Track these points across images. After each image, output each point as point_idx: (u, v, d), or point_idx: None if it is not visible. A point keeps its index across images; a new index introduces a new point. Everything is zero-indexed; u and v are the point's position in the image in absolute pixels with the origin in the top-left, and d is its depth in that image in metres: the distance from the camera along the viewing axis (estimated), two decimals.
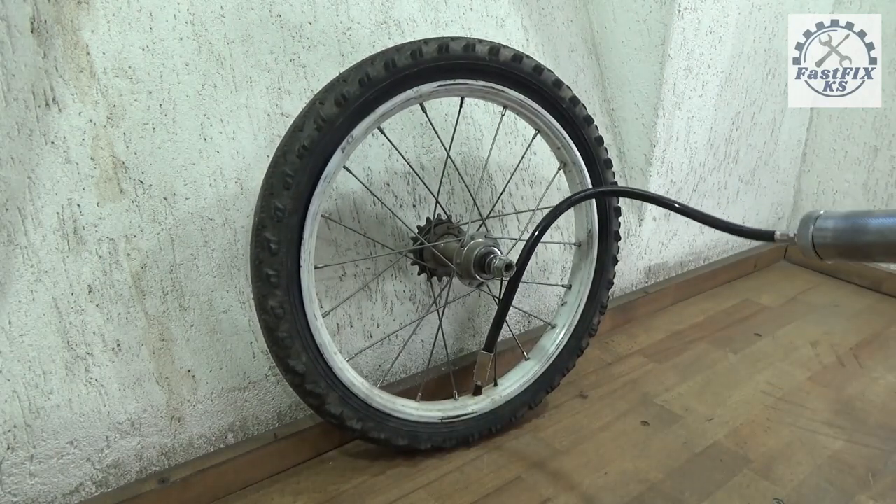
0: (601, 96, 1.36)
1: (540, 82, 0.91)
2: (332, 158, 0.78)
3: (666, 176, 1.44)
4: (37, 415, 0.75)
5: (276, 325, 0.79)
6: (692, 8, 1.22)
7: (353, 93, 0.77)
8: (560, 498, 0.91)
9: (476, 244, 0.93)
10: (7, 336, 0.72)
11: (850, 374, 1.27)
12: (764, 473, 0.97)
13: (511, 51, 0.87)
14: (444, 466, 0.98)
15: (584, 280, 1.09)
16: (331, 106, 0.76)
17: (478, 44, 0.83)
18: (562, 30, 1.25)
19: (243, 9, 0.83)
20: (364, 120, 0.79)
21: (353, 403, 0.89)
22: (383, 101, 0.80)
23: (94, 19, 0.73)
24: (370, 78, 0.77)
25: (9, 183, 0.70)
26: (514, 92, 0.90)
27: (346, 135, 0.78)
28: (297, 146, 0.75)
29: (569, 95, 0.95)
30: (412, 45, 0.80)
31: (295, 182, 0.76)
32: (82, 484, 0.81)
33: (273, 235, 0.76)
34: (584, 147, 1.00)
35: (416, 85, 0.81)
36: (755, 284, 1.76)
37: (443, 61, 0.82)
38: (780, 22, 1.52)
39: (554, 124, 0.96)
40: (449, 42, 0.81)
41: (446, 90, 0.84)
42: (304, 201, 0.78)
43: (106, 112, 0.75)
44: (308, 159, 0.76)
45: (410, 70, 0.80)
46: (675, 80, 1.29)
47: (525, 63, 0.88)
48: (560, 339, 1.09)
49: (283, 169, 0.75)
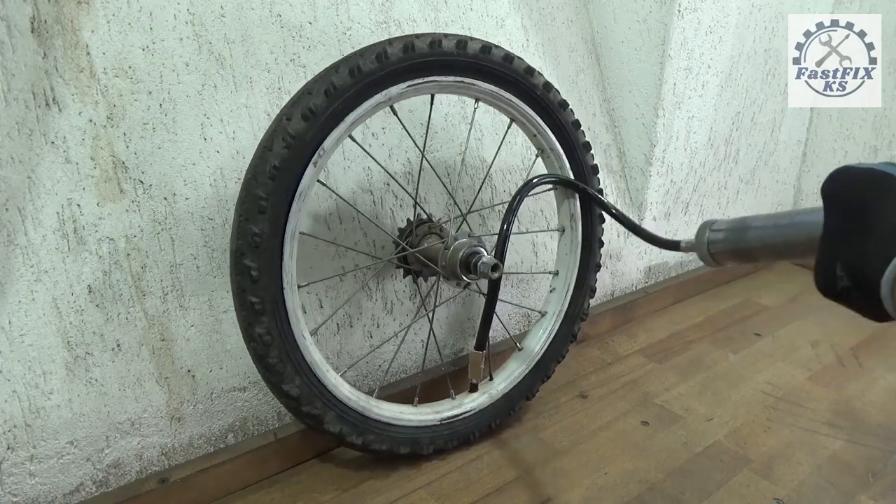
0: (601, 96, 1.36)
1: (511, 71, 0.89)
2: (305, 175, 0.76)
3: (666, 176, 1.44)
4: (37, 415, 0.75)
5: (266, 352, 0.78)
6: (692, 8, 1.22)
7: (320, 105, 0.74)
8: (560, 498, 0.91)
9: (461, 245, 0.91)
10: (7, 336, 0.72)
11: (850, 374, 1.27)
12: (764, 473, 0.97)
13: (478, 42, 0.85)
14: (444, 466, 0.98)
15: (571, 265, 1.08)
16: (298, 121, 0.74)
17: (444, 39, 0.81)
18: (562, 30, 1.25)
19: (243, 9, 0.83)
20: (334, 131, 0.77)
21: (351, 419, 0.88)
22: (352, 109, 0.77)
23: (94, 19, 0.73)
24: (336, 87, 0.75)
25: (9, 183, 0.70)
26: (486, 84, 0.88)
27: (316, 149, 0.76)
28: (267, 167, 0.73)
29: (541, 82, 0.93)
30: (376, 47, 0.78)
31: (269, 204, 0.74)
32: (82, 484, 0.81)
33: (253, 262, 0.74)
34: (560, 132, 0.98)
35: (384, 88, 0.79)
36: (755, 284, 1.76)
37: (410, 61, 0.79)
38: (780, 22, 1.52)
39: (528, 112, 0.94)
40: (414, 41, 0.79)
41: (415, 90, 0.82)
42: (281, 223, 0.76)
43: (106, 112, 0.75)
44: (280, 179, 0.74)
45: (377, 74, 0.77)
46: (675, 80, 1.29)
47: (494, 53, 0.86)
48: (551, 326, 1.08)
49: (256, 192, 0.73)
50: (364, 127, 0.96)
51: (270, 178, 0.73)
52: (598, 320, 1.42)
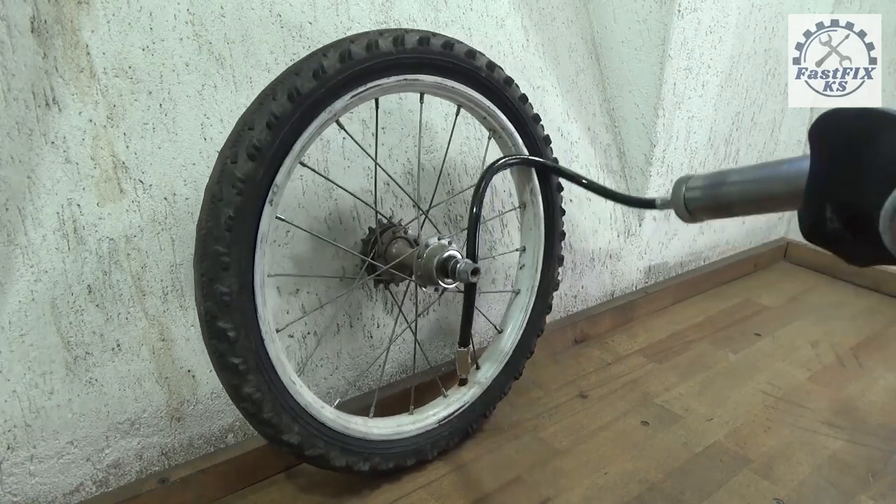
0: (601, 96, 1.36)
1: (452, 58, 0.84)
2: (263, 217, 0.71)
3: (666, 176, 1.44)
4: (37, 415, 0.75)
5: (260, 409, 0.75)
6: (692, 8, 1.22)
7: (265, 139, 0.69)
8: (560, 498, 0.91)
9: (434, 250, 0.88)
10: (7, 336, 0.72)
11: (850, 374, 1.27)
12: (764, 473, 0.97)
13: (415, 34, 0.79)
14: (444, 466, 0.98)
15: (537, 238, 1.07)
16: (245, 162, 0.68)
17: (380, 39, 0.76)
18: (562, 30, 1.25)
19: (243, 9, 0.83)
20: (284, 163, 0.72)
21: (355, 448, 0.87)
22: (299, 135, 0.72)
23: (94, 19, 0.73)
24: (277, 117, 0.69)
25: (9, 183, 0.70)
26: (428, 76, 0.83)
27: (269, 187, 0.71)
28: (222, 219, 0.68)
29: (484, 62, 0.89)
30: (311, 62, 0.72)
31: (232, 259, 0.69)
32: (82, 484, 0.81)
33: (227, 323, 0.69)
34: (509, 110, 0.95)
35: (327, 105, 0.74)
36: (755, 284, 1.76)
37: (349, 70, 0.74)
38: (780, 22, 1.52)
39: (474, 96, 0.90)
40: (350, 47, 0.73)
41: (360, 98, 0.77)
42: (249, 274, 0.71)
43: (106, 112, 0.75)
44: (238, 229, 0.69)
45: (317, 92, 0.72)
46: (675, 80, 1.29)
47: (433, 44, 0.81)
48: (527, 302, 1.08)
49: (216, 248, 0.68)
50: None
51: (227, 229, 0.68)
52: (598, 320, 1.42)
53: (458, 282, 0.88)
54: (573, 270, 1.38)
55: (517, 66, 1.18)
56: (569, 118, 1.29)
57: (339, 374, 1.03)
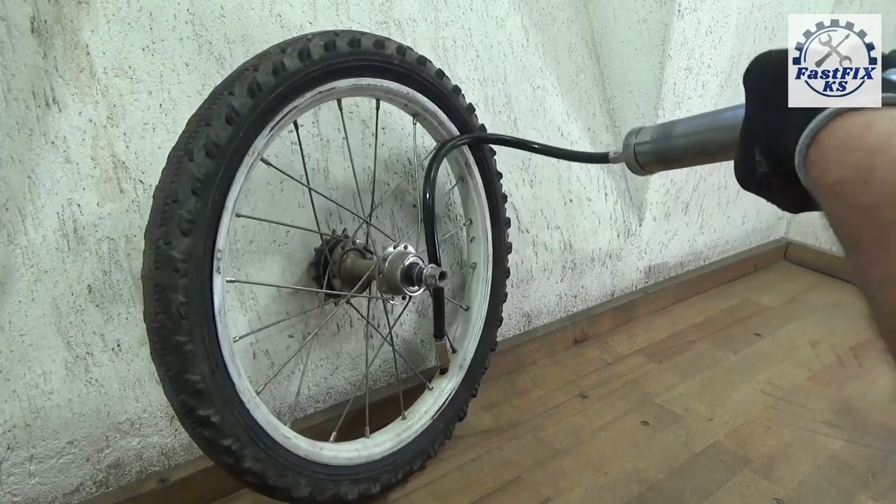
0: (601, 96, 1.36)
1: (360, 53, 0.78)
2: (215, 288, 0.67)
3: (666, 175, 1.44)
4: (37, 415, 0.75)
5: (264, 478, 0.73)
6: (692, 8, 1.22)
7: (195, 207, 0.63)
8: (560, 498, 0.91)
9: (394, 261, 0.86)
10: (7, 336, 0.72)
11: (850, 374, 1.27)
12: (764, 473, 0.97)
13: (321, 39, 0.73)
14: (444, 466, 0.98)
15: (480, 209, 1.05)
16: (179, 238, 0.62)
17: (286, 59, 0.69)
18: (562, 30, 1.25)
19: (243, 9, 0.83)
20: (221, 229, 0.67)
21: (364, 475, 0.86)
22: (226, 195, 0.67)
23: (94, 19, 0.73)
24: (202, 181, 0.63)
25: (9, 183, 0.70)
26: (342, 81, 0.78)
27: (212, 255, 0.66)
28: (174, 307, 0.62)
29: (393, 46, 0.83)
30: (217, 105, 0.65)
31: (196, 344, 0.64)
32: (82, 484, 0.81)
33: (208, 409, 0.66)
34: (427, 89, 0.91)
35: (249, 145, 0.68)
36: (755, 284, 1.76)
37: (265, 102, 0.68)
38: (780, 22, 1.52)
39: (391, 86, 0.85)
40: (255, 78, 0.67)
41: (280, 126, 0.72)
42: (216, 350, 0.67)
43: (106, 112, 0.75)
44: (193, 311, 0.64)
45: (235, 138, 0.66)
46: (675, 80, 1.29)
47: (339, 45, 0.75)
48: (487, 275, 1.07)
49: (176, 340, 0.63)
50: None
51: (183, 317, 0.63)
52: (598, 320, 1.42)
53: (427, 288, 0.86)
54: (573, 270, 1.38)
55: (517, 65, 1.18)
56: (569, 118, 1.29)
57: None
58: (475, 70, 1.11)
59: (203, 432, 0.67)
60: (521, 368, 1.27)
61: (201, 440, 0.68)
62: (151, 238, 0.63)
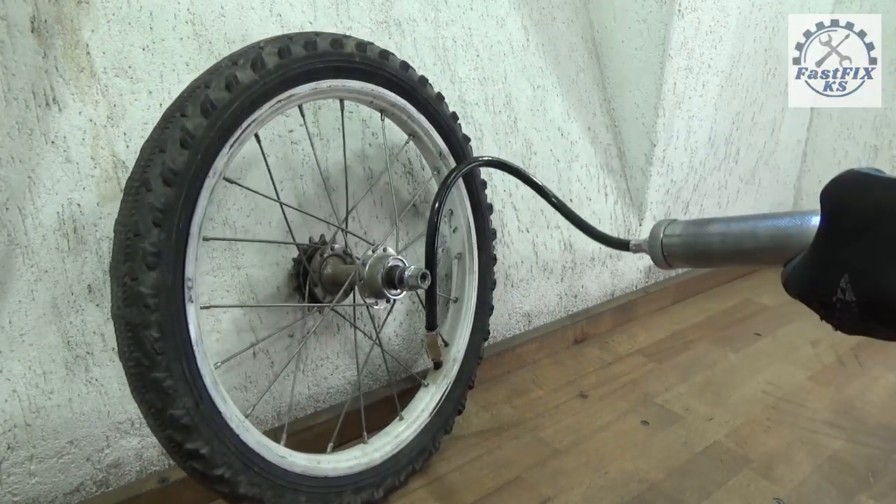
0: (601, 96, 1.36)
1: (317, 55, 0.75)
2: (190, 320, 0.65)
3: (666, 175, 1.44)
4: (37, 414, 0.75)
5: (261, 499, 0.72)
6: (692, 8, 1.22)
7: (158, 239, 0.61)
8: (560, 498, 0.91)
9: (374, 266, 0.84)
10: (7, 336, 0.72)
11: (850, 374, 1.27)
12: (764, 473, 0.97)
13: (274, 46, 0.70)
14: (444, 466, 0.98)
15: (460, 198, 1.03)
16: (145, 273, 0.61)
17: (238, 72, 0.66)
18: (562, 29, 1.25)
19: (243, 9, 0.83)
20: (189, 256, 0.65)
21: (367, 482, 0.86)
22: (190, 221, 0.65)
23: (94, 19, 0.73)
24: (163, 211, 0.62)
25: (9, 182, 0.70)
26: (306, 85, 0.75)
27: (183, 285, 0.65)
28: (149, 345, 0.61)
29: (352, 44, 0.80)
30: (170, 128, 0.63)
31: (176, 380, 0.63)
32: (83, 483, 0.81)
33: (196, 442, 0.65)
34: (392, 84, 0.87)
35: (209, 167, 0.66)
36: (755, 284, 1.76)
37: (221, 120, 0.65)
38: (780, 22, 1.52)
39: (354, 85, 0.82)
40: (208, 95, 0.64)
41: (240, 142, 0.70)
42: (198, 381, 0.66)
43: (106, 112, 0.75)
44: (170, 347, 0.63)
45: (193, 162, 0.64)
46: (676, 80, 1.29)
47: (293, 50, 0.72)
48: (473, 264, 1.07)
49: (154, 377, 0.62)
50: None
51: (159, 353, 0.62)
52: (599, 320, 1.42)
53: (410, 290, 0.84)
54: (573, 270, 1.38)
55: (517, 65, 1.18)
56: (569, 118, 1.29)
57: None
58: (475, 69, 1.11)
59: (194, 465, 0.66)
60: (521, 368, 1.27)
61: (193, 473, 0.67)
62: (117, 275, 0.61)
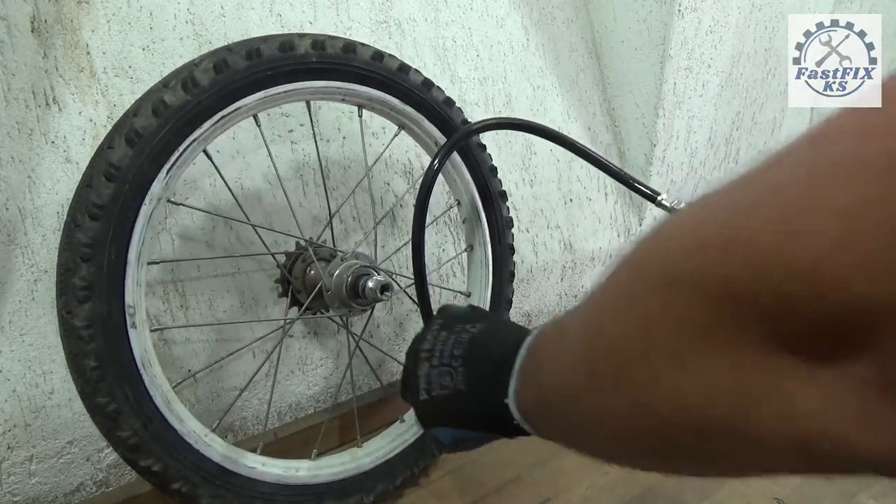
0: (601, 96, 1.36)
1: (262, 64, 0.71)
2: (133, 344, 0.66)
3: (666, 175, 1.44)
4: (37, 414, 0.75)
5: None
6: (692, 8, 1.22)
7: (88, 273, 0.62)
8: (560, 498, 0.91)
9: (339, 275, 0.80)
10: (7, 336, 0.72)
11: None
12: None
13: (210, 61, 0.67)
14: (444, 466, 0.98)
15: (464, 186, 0.95)
16: (77, 307, 0.62)
17: (167, 96, 0.65)
18: (562, 29, 1.25)
19: (243, 8, 0.83)
20: (128, 284, 0.65)
21: (364, 485, 0.85)
22: (127, 251, 0.65)
23: (94, 19, 0.73)
24: (91, 245, 0.62)
25: (9, 182, 0.70)
26: (248, 98, 0.72)
27: (122, 310, 0.65)
28: (90, 372, 0.63)
29: (306, 44, 0.75)
30: (97, 162, 0.63)
31: (120, 403, 0.65)
32: (83, 484, 0.81)
33: (148, 460, 0.67)
34: (364, 77, 0.81)
35: (142, 195, 0.65)
36: None
37: (148, 148, 0.64)
38: (780, 22, 1.52)
39: (317, 85, 0.78)
40: (133, 125, 0.64)
41: (180, 163, 0.68)
42: (146, 403, 0.67)
43: (106, 112, 0.75)
44: (108, 378, 0.64)
45: (121, 194, 0.63)
46: (676, 80, 1.29)
47: (232, 62, 0.69)
48: (486, 256, 0.99)
49: (97, 402, 0.64)
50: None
51: (99, 380, 0.64)
52: None
53: (371, 303, 0.81)
54: (573, 270, 1.38)
55: (517, 65, 1.18)
56: (569, 118, 1.29)
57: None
58: (475, 69, 1.11)
59: (150, 479, 0.69)
60: None
61: (153, 485, 0.70)
62: (57, 307, 0.64)
